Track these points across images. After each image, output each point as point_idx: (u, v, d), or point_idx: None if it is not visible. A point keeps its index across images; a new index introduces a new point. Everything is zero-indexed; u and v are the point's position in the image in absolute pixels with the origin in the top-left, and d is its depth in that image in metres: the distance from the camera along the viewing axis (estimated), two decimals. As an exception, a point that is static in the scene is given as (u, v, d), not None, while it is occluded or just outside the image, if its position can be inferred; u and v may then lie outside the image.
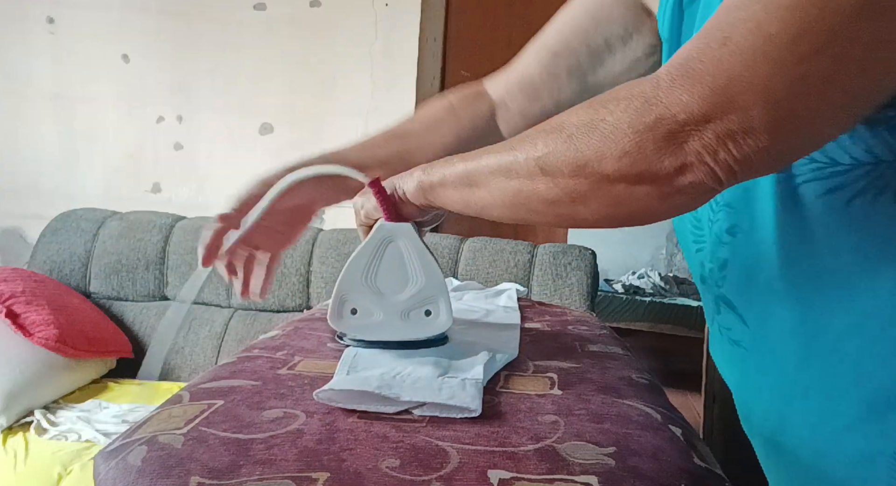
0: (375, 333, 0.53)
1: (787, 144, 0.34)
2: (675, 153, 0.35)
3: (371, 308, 0.52)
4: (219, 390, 0.43)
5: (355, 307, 0.52)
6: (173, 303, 1.49)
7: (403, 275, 0.53)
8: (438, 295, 0.53)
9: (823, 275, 0.42)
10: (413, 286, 0.52)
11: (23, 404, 1.28)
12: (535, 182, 0.42)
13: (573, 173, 0.40)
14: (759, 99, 0.32)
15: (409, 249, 0.53)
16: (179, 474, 0.31)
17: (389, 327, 0.52)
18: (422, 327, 0.53)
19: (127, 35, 1.95)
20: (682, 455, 0.37)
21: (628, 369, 0.54)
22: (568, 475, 0.33)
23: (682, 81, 0.34)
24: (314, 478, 0.31)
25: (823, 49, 0.31)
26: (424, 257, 0.53)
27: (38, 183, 2.00)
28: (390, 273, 0.52)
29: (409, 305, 0.52)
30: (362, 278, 0.52)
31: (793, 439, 0.45)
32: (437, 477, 0.32)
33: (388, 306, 0.52)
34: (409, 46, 1.86)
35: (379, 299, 0.52)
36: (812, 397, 0.43)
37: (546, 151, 0.41)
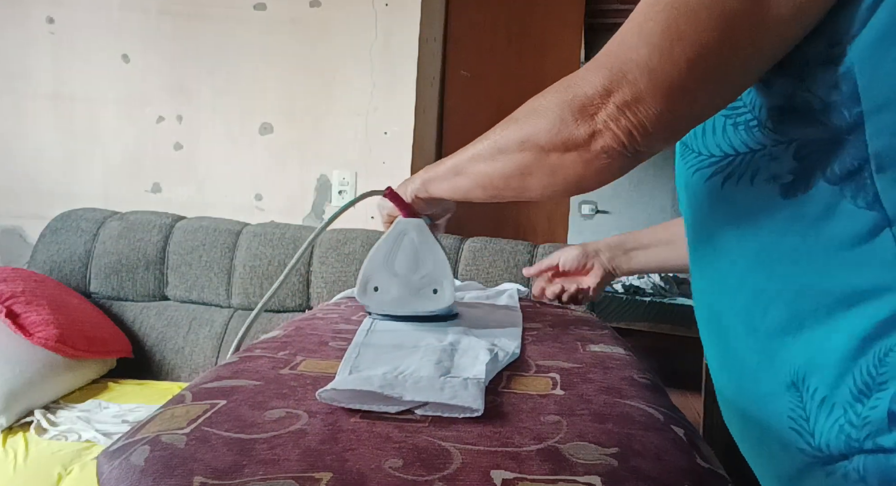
0: (393, 306, 0.65)
1: (672, 111, 0.43)
2: (588, 122, 0.45)
3: (389, 286, 0.65)
4: (221, 390, 0.43)
5: (377, 286, 0.65)
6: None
7: (416, 260, 0.66)
8: (443, 277, 0.65)
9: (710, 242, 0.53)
10: (423, 269, 0.65)
11: (23, 404, 1.27)
12: (496, 161, 0.54)
13: (520, 148, 0.51)
14: (643, 73, 0.42)
15: (420, 239, 0.66)
16: (182, 474, 0.31)
17: (404, 302, 0.65)
18: (430, 302, 0.65)
19: (127, 35, 1.95)
20: (685, 456, 0.37)
21: (630, 370, 0.54)
22: (571, 475, 0.33)
23: (593, 67, 0.45)
24: (317, 478, 0.31)
25: (685, 35, 0.41)
26: (433, 246, 0.67)
27: (38, 183, 1.99)
28: (405, 259, 0.66)
29: (420, 284, 0.65)
30: (383, 262, 0.65)
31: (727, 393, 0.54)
32: (440, 477, 0.32)
33: (403, 285, 0.65)
34: (409, 46, 1.86)
35: (396, 279, 0.65)
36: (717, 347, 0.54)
37: (501, 134, 0.53)
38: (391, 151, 1.88)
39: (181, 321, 1.67)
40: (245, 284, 1.66)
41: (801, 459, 0.46)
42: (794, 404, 0.46)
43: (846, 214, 0.43)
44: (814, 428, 0.45)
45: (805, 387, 0.45)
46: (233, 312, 1.69)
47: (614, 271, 0.90)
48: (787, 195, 0.46)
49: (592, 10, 4.44)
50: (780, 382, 0.47)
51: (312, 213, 1.93)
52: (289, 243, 1.67)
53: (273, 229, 1.70)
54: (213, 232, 1.70)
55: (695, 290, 0.57)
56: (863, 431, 0.42)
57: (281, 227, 1.72)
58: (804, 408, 0.46)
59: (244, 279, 1.66)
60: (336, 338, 0.61)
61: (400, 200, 0.67)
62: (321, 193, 1.92)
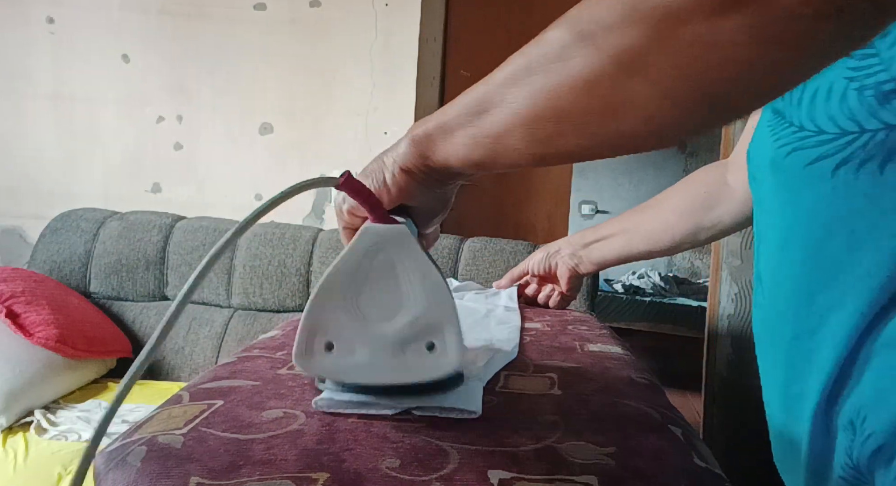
0: (359, 374, 0.39)
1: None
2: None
3: (353, 341, 0.38)
4: (219, 391, 0.43)
5: (331, 341, 0.38)
6: None
7: (397, 295, 0.39)
8: (444, 322, 0.38)
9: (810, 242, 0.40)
10: (410, 310, 0.38)
11: (23, 404, 1.28)
12: (569, 61, 0.29)
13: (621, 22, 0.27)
14: None
15: (403, 259, 0.39)
16: (179, 474, 0.31)
17: (378, 368, 0.38)
18: (422, 366, 0.38)
19: (127, 35, 1.95)
20: (682, 455, 0.37)
21: (628, 369, 0.54)
22: (568, 475, 0.33)
23: None
24: (314, 478, 0.31)
25: None
26: (425, 269, 0.39)
27: (38, 183, 2.00)
28: (379, 293, 0.39)
29: (405, 336, 0.38)
30: (341, 300, 0.39)
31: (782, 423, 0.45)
32: (437, 477, 0.32)
33: (377, 339, 0.38)
34: (409, 46, 1.86)
35: (364, 328, 0.38)
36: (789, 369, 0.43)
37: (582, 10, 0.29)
38: (391, 150, 1.88)
39: (181, 321, 1.67)
40: (245, 284, 1.66)
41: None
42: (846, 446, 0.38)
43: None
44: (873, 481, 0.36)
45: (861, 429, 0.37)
46: (233, 312, 1.69)
47: (577, 267, 0.86)
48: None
49: (593, 9, 4.43)
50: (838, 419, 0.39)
51: (312, 213, 1.93)
52: (289, 242, 1.67)
53: (273, 229, 1.70)
54: (213, 232, 1.70)
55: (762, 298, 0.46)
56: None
57: (281, 227, 1.72)
58: (852, 456, 0.37)
59: (244, 279, 1.66)
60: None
61: (365, 194, 0.41)
62: (321, 193, 1.92)
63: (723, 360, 1.67)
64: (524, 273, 0.91)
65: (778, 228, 0.43)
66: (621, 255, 0.82)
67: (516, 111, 0.32)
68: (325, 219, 1.92)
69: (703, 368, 1.73)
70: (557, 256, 0.87)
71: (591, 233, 0.86)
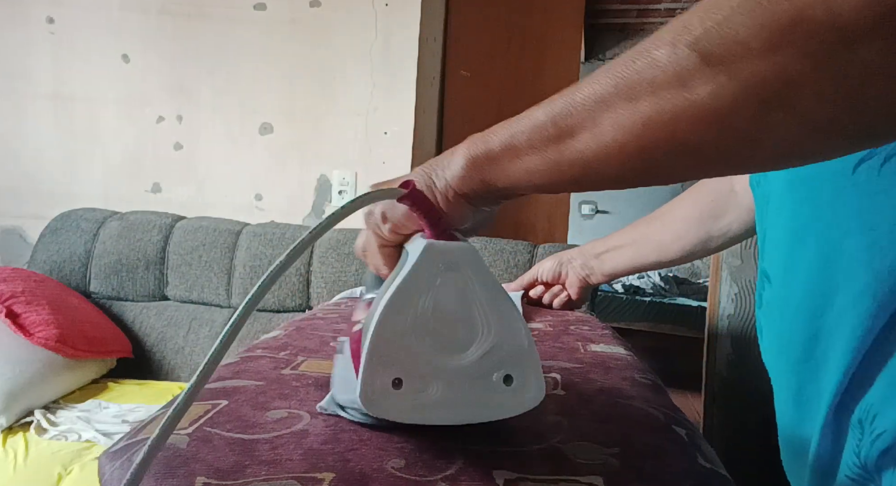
0: (434, 415, 0.34)
1: None
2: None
3: (424, 376, 0.33)
4: (223, 391, 0.43)
5: (399, 376, 0.33)
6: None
7: (469, 322, 0.34)
8: (522, 352, 0.35)
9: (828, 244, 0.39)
10: (485, 339, 0.34)
11: (23, 404, 1.27)
12: (692, 89, 0.24)
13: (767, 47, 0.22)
14: None
15: (474, 281, 0.34)
16: (185, 474, 0.31)
17: (454, 406, 0.34)
18: (501, 402, 0.34)
19: (127, 35, 1.95)
20: (687, 456, 0.37)
21: (631, 370, 0.54)
22: (573, 475, 0.33)
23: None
24: (319, 478, 0.31)
25: None
26: (496, 292, 0.35)
27: (38, 183, 1.99)
28: (450, 320, 0.34)
29: (481, 369, 0.34)
30: (409, 328, 0.33)
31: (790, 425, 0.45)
32: (442, 478, 0.32)
33: (450, 373, 0.33)
34: (409, 46, 1.86)
35: (435, 360, 0.33)
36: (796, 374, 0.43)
37: (711, 23, 0.23)
38: (391, 151, 1.88)
39: (181, 321, 1.67)
40: (245, 284, 1.66)
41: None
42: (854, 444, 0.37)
43: None
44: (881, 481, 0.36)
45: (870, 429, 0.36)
46: (233, 312, 1.69)
47: (588, 277, 0.86)
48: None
49: (592, 10, 4.44)
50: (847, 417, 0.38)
51: (312, 213, 1.93)
52: (289, 242, 1.67)
53: (273, 229, 1.70)
54: (213, 232, 1.70)
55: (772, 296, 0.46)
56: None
57: (281, 227, 1.72)
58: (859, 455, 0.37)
59: (244, 279, 1.66)
60: (337, 338, 0.61)
61: (427, 207, 0.36)
62: (321, 193, 1.92)
63: (723, 360, 1.67)
64: (534, 281, 0.91)
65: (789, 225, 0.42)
66: (632, 265, 0.82)
67: (615, 140, 0.27)
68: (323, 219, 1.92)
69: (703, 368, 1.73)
70: (569, 265, 0.87)
71: (602, 243, 0.86)
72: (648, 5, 4.47)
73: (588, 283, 0.87)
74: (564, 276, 0.88)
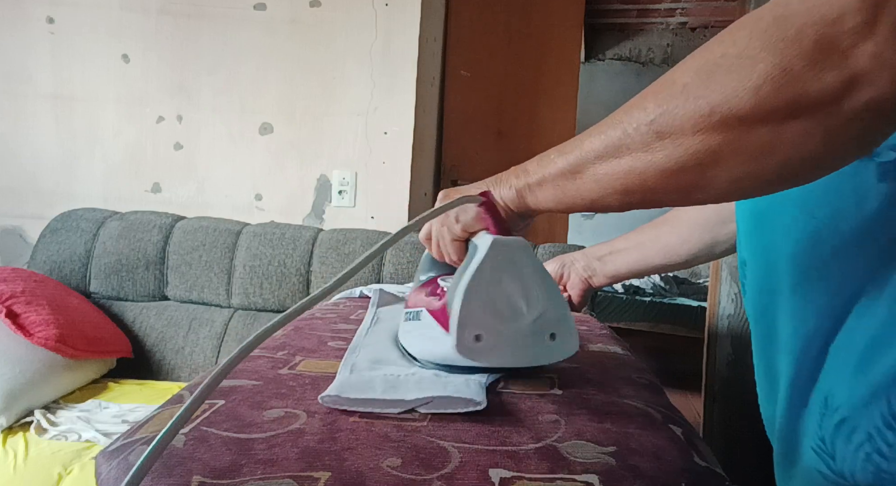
0: (503, 360, 0.47)
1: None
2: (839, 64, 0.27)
3: (496, 334, 0.46)
4: (220, 390, 0.43)
5: (479, 334, 0.45)
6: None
7: (525, 295, 0.47)
8: (563, 317, 0.48)
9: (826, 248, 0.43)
10: (536, 308, 0.47)
11: (23, 404, 1.27)
12: (652, 152, 0.35)
13: (697, 128, 0.32)
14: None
15: (528, 265, 0.48)
16: (181, 473, 0.31)
17: (517, 355, 0.47)
18: (549, 351, 0.47)
19: (127, 35, 1.95)
20: (683, 454, 0.37)
21: (628, 369, 0.54)
22: (569, 473, 0.33)
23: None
24: (316, 477, 0.31)
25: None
26: (543, 273, 0.49)
27: (38, 183, 2.00)
28: (512, 293, 0.47)
29: (535, 328, 0.47)
30: (485, 299, 0.46)
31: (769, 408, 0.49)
32: (438, 476, 0.32)
33: (513, 331, 0.46)
34: (409, 46, 1.86)
35: (502, 323, 0.46)
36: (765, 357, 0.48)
37: (660, 110, 0.34)
38: (391, 151, 1.88)
39: (181, 321, 1.67)
40: (245, 284, 1.66)
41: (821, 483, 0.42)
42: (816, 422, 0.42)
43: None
44: (833, 451, 0.40)
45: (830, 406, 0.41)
46: (233, 312, 1.69)
47: (590, 279, 0.86)
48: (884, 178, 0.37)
49: (592, 10, 4.44)
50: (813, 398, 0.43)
51: (312, 213, 1.93)
52: (289, 242, 1.67)
53: (273, 229, 1.70)
54: (213, 232, 1.71)
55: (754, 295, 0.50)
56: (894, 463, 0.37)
57: (281, 227, 1.72)
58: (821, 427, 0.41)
59: (244, 279, 1.66)
60: (335, 338, 0.61)
61: (496, 212, 0.50)
62: (321, 193, 1.92)
63: (723, 360, 1.67)
64: None
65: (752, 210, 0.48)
66: (636, 268, 0.83)
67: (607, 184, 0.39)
68: (324, 219, 1.92)
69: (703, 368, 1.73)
70: (571, 267, 0.88)
71: (606, 246, 0.86)
72: (648, 5, 4.47)
73: (590, 285, 0.87)
74: (566, 278, 0.88)
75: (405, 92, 1.87)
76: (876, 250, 0.39)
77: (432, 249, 0.58)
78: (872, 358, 0.38)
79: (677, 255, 0.79)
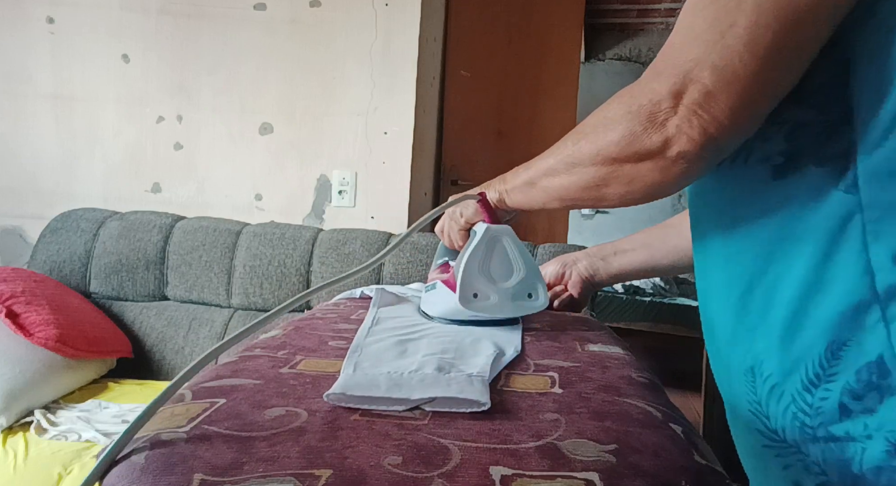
0: (493, 312, 0.65)
1: (744, 99, 0.43)
2: (659, 130, 0.46)
3: (488, 293, 0.65)
4: (221, 389, 0.44)
5: (476, 293, 0.64)
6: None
7: (510, 266, 0.66)
8: (537, 281, 0.67)
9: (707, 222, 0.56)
10: (518, 275, 0.66)
11: (23, 404, 1.28)
12: (571, 175, 0.55)
13: (593, 162, 0.51)
14: (706, 68, 0.43)
15: (511, 245, 0.67)
16: (183, 471, 0.32)
17: (503, 308, 0.65)
18: (527, 307, 0.66)
19: (127, 35, 1.95)
20: (683, 453, 0.37)
21: (628, 369, 0.55)
22: (569, 471, 0.33)
23: (652, 74, 0.46)
24: (317, 475, 0.31)
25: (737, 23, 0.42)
26: (523, 250, 0.67)
27: (38, 183, 2.00)
28: (500, 265, 0.66)
29: (517, 289, 0.66)
30: (480, 268, 0.65)
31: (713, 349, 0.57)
32: (439, 474, 0.32)
33: (501, 292, 0.65)
34: (409, 46, 1.87)
35: (493, 285, 0.65)
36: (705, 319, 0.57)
37: (572, 149, 0.54)
38: (391, 151, 1.88)
39: (181, 321, 1.67)
40: (245, 284, 1.66)
41: (761, 440, 0.50)
42: (749, 388, 0.50)
43: (826, 198, 0.44)
44: (767, 412, 0.49)
45: (759, 373, 0.49)
46: (233, 312, 1.69)
47: (592, 277, 0.88)
48: (777, 176, 0.47)
49: (592, 10, 4.44)
50: (741, 367, 0.51)
51: (312, 213, 1.93)
52: (289, 242, 1.67)
53: (273, 229, 1.70)
54: (213, 232, 1.71)
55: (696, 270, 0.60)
56: (815, 419, 0.44)
57: (281, 227, 1.72)
58: (755, 392, 0.49)
59: (244, 279, 1.66)
60: (335, 337, 0.61)
61: (489, 207, 0.68)
62: (321, 193, 1.92)
63: (722, 360, 1.67)
64: None
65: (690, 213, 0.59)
66: (643, 268, 0.86)
67: (551, 194, 0.59)
68: (324, 219, 1.92)
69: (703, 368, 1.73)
70: (573, 266, 0.89)
71: (610, 246, 0.89)
72: (648, 5, 4.47)
73: (591, 283, 0.88)
74: (567, 277, 0.89)
75: (405, 92, 1.87)
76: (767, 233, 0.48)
77: (444, 239, 0.78)
78: (794, 333, 0.46)
79: (687, 256, 0.80)
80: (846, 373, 0.43)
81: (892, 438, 0.41)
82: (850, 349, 0.43)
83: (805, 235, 0.46)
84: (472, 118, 2.34)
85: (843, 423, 0.43)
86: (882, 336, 0.42)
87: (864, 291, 0.42)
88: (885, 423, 0.41)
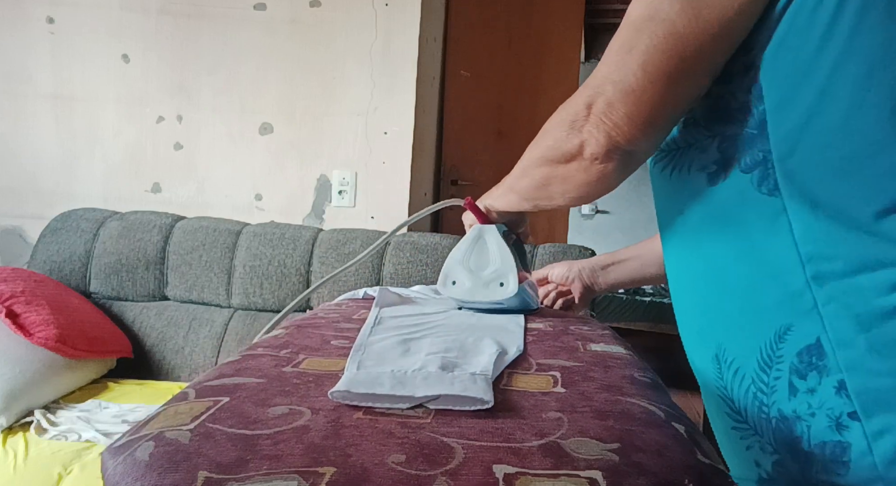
0: (469, 296, 0.74)
1: (637, 108, 0.52)
2: (577, 135, 0.55)
3: (465, 281, 0.75)
4: (224, 388, 0.44)
5: (454, 280, 0.75)
6: None
7: (487, 258, 0.75)
8: (509, 272, 0.74)
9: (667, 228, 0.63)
10: (493, 266, 0.74)
11: (23, 404, 1.27)
12: (527, 177, 0.66)
13: (538, 164, 0.62)
14: (610, 84, 0.52)
15: (492, 241, 0.76)
16: (187, 468, 0.32)
17: (477, 294, 0.74)
18: (497, 294, 0.73)
19: (127, 35, 1.95)
20: (686, 451, 0.37)
21: (631, 368, 0.55)
22: (572, 469, 0.33)
23: (581, 89, 0.56)
24: (321, 473, 0.31)
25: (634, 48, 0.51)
26: (501, 247, 0.76)
27: (38, 183, 2.00)
28: (479, 257, 0.75)
29: (491, 279, 0.74)
30: (460, 260, 0.75)
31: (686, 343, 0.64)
32: (442, 472, 0.32)
33: (477, 280, 0.74)
34: (409, 46, 1.87)
35: (471, 275, 0.74)
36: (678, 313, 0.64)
37: (527, 155, 0.65)
38: (391, 151, 1.88)
39: (181, 321, 1.67)
40: (245, 284, 1.66)
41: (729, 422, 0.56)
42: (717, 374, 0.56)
43: (754, 201, 0.51)
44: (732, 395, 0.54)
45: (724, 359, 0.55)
46: (233, 312, 1.69)
47: (593, 286, 0.97)
48: (711, 183, 0.55)
49: (592, 10, 4.44)
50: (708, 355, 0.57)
51: (312, 213, 1.93)
52: (289, 242, 1.67)
53: (273, 229, 1.70)
54: (213, 232, 1.71)
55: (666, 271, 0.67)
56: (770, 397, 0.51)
57: (281, 227, 1.72)
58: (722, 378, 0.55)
59: (244, 279, 1.66)
60: (338, 337, 0.61)
61: (476, 210, 0.78)
62: (321, 193, 1.92)
63: (722, 360, 1.67)
64: (544, 278, 1.03)
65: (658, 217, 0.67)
66: (634, 277, 0.95)
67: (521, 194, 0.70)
68: (324, 219, 1.92)
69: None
70: (578, 274, 0.98)
71: (610, 257, 0.98)
72: (648, 6, 4.46)
73: (591, 290, 0.98)
74: (572, 281, 0.99)
75: (405, 92, 1.87)
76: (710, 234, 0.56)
77: None
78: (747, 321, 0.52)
79: None
80: (791, 355, 0.49)
81: (831, 414, 0.47)
82: (793, 333, 0.49)
83: (741, 234, 0.52)
84: (472, 118, 2.34)
85: (791, 402, 0.49)
86: (817, 321, 0.48)
87: (798, 281, 0.49)
88: (825, 401, 0.47)
